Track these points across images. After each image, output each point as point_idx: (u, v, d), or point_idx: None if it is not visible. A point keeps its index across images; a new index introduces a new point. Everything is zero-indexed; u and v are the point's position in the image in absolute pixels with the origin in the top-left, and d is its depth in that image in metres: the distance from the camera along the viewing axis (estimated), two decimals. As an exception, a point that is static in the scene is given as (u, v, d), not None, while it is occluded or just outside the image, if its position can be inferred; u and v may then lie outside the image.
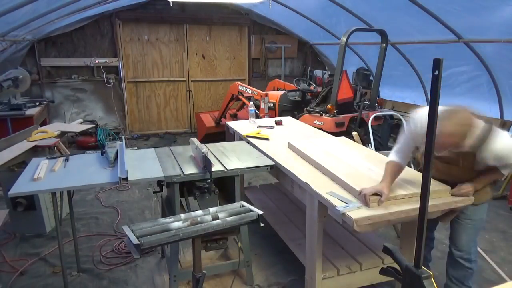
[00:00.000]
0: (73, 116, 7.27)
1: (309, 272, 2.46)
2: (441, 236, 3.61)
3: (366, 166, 2.49)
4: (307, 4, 6.62)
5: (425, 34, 5.35)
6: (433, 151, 1.34)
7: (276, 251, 3.32)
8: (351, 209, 1.95)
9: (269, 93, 5.67)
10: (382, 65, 5.20)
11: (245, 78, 8.42)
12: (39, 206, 3.54)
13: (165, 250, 3.01)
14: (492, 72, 5.12)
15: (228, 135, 4.09)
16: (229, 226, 1.75)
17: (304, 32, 8.23)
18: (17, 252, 3.35)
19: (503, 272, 3.02)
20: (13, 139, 3.64)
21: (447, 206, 2.08)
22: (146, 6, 7.25)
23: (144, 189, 4.79)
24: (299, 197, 2.60)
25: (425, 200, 1.38)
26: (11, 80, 5.29)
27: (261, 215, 1.80)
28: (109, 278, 2.98)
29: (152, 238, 1.57)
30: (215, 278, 2.93)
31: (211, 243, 2.35)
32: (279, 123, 3.99)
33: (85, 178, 2.42)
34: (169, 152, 2.96)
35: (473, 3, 4.19)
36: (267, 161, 2.75)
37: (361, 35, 5.52)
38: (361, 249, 2.75)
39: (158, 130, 8.03)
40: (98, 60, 7.14)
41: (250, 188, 4.16)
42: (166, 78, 7.86)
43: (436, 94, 1.26)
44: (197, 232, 1.67)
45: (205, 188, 2.47)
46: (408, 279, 1.41)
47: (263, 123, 3.98)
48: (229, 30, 8.07)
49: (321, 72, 7.92)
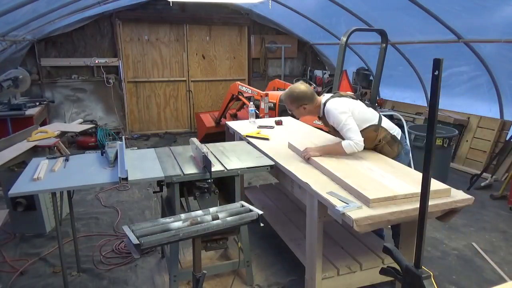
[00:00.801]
0: (73, 116, 7.27)
1: (309, 272, 2.46)
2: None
3: (366, 166, 2.49)
4: (307, 4, 6.62)
5: (425, 34, 5.35)
6: (433, 150, 1.34)
7: (276, 251, 3.32)
8: (351, 209, 1.95)
9: (269, 93, 5.66)
10: (382, 65, 5.19)
11: (245, 78, 8.42)
12: (39, 206, 3.54)
13: (165, 250, 3.01)
14: (492, 72, 5.12)
15: (228, 135, 4.09)
16: (229, 226, 1.75)
17: (304, 32, 8.23)
18: (17, 252, 3.35)
19: (503, 272, 3.02)
20: (13, 139, 3.64)
21: (447, 206, 2.08)
22: (146, 6, 7.25)
23: (144, 189, 4.79)
24: (299, 197, 2.60)
25: (425, 200, 1.38)
26: (11, 80, 5.29)
27: (261, 215, 1.80)
28: (109, 278, 2.98)
29: (152, 238, 1.57)
30: (215, 278, 2.93)
31: (211, 243, 2.35)
32: (279, 123, 3.99)
33: (85, 178, 2.42)
34: (169, 152, 2.96)
35: (473, 3, 4.19)
36: (267, 161, 2.75)
37: (361, 35, 5.52)
38: (361, 249, 2.75)
39: (158, 130, 8.03)
40: (98, 60, 7.14)
41: (250, 188, 4.16)
42: (166, 78, 7.86)
43: (436, 94, 1.26)
44: (197, 232, 1.67)
45: (205, 188, 2.47)
46: (408, 279, 1.41)
47: (263, 123, 3.98)
48: (229, 30, 8.07)
49: (321, 72, 7.92)
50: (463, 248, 3.41)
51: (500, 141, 5.26)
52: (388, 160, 2.64)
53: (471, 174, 5.02)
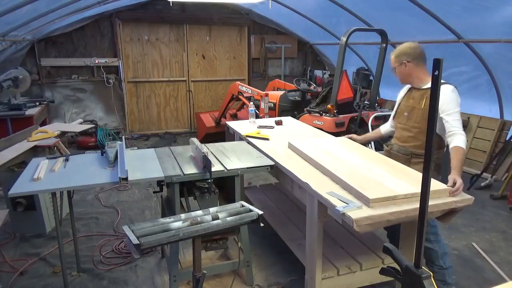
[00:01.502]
0: (73, 116, 7.27)
1: (309, 272, 2.46)
2: (441, 236, 3.61)
3: (366, 166, 2.49)
4: (307, 4, 6.62)
5: (425, 34, 5.34)
6: (432, 150, 1.33)
7: (276, 251, 3.32)
8: (351, 209, 1.95)
9: (269, 93, 5.66)
10: (382, 65, 5.19)
11: (245, 78, 8.42)
12: (39, 206, 3.54)
13: (165, 250, 3.01)
14: (492, 72, 5.12)
15: (228, 135, 4.09)
16: (229, 226, 1.75)
17: (304, 32, 8.23)
18: (17, 252, 3.35)
19: (503, 272, 3.02)
20: (13, 139, 3.64)
21: (447, 206, 2.07)
22: (146, 6, 7.25)
23: (144, 189, 4.79)
24: (299, 197, 2.59)
25: (425, 200, 1.38)
26: (11, 80, 5.29)
27: (261, 215, 1.80)
28: (109, 278, 2.98)
29: (152, 238, 1.57)
30: (215, 278, 2.93)
31: (211, 243, 2.35)
32: (279, 123, 3.99)
33: (85, 178, 2.42)
34: (169, 152, 2.96)
35: (473, 3, 4.19)
36: (267, 161, 2.75)
37: (361, 35, 5.52)
38: (361, 249, 2.75)
39: (158, 130, 8.03)
40: (98, 60, 7.14)
41: (250, 188, 4.15)
42: (166, 78, 7.86)
43: (436, 94, 1.26)
44: (197, 232, 1.67)
45: (205, 188, 2.47)
46: (408, 279, 1.40)
47: (263, 123, 3.98)
48: (229, 30, 8.07)
49: (321, 72, 7.92)
50: (463, 248, 3.41)
51: (500, 141, 5.26)
52: (388, 160, 2.64)
53: (471, 174, 5.02)
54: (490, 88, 5.31)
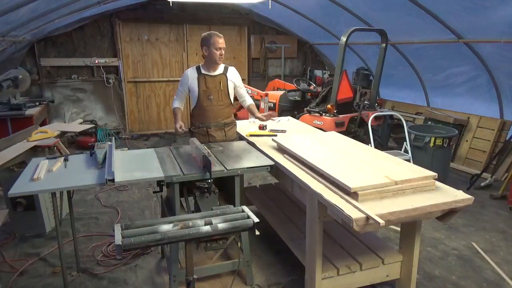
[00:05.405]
0: (73, 116, 7.26)
1: (309, 272, 2.46)
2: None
3: (356, 157, 2.49)
4: (307, 4, 6.62)
5: (425, 34, 5.35)
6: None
7: (276, 251, 3.32)
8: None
9: (269, 93, 5.67)
10: (382, 65, 5.20)
11: (245, 78, 8.41)
12: (39, 206, 3.54)
13: (165, 250, 3.01)
14: (492, 72, 5.12)
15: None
16: (218, 233, 1.74)
17: (304, 32, 8.23)
18: (17, 252, 3.35)
19: (503, 272, 3.02)
20: (13, 139, 3.64)
21: (447, 206, 2.08)
22: (146, 6, 7.25)
23: (144, 189, 4.79)
24: (299, 197, 2.60)
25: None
26: (11, 80, 5.28)
27: (256, 223, 1.79)
28: (109, 278, 2.98)
29: (135, 240, 1.58)
30: (215, 278, 2.93)
31: (211, 243, 2.34)
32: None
33: (84, 178, 2.42)
34: (169, 152, 2.96)
35: (473, 3, 4.19)
36: (267, 161, 2.75)
37: (361, 35, 5.53)
38: (361, 249, 2.75)
39: (158, 130, 8.02)
40: (98, 60, 7.14)
41: (250, 188, 4.15)
42: (166, 78, 7.86)
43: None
44: (183, 237, 1.67)
45: (205, 188, 2.46)
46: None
47: (275, 127, 3.79)
48: (229, 30, 8.07)
49: (321, 72, 7.92)
50: (463, 248, 3.41)
51: (500, 141, 5.26)
52: (379, 152, 2.66)
53: (471, 174, 5.02)
54: (490, 88, 5.31)
